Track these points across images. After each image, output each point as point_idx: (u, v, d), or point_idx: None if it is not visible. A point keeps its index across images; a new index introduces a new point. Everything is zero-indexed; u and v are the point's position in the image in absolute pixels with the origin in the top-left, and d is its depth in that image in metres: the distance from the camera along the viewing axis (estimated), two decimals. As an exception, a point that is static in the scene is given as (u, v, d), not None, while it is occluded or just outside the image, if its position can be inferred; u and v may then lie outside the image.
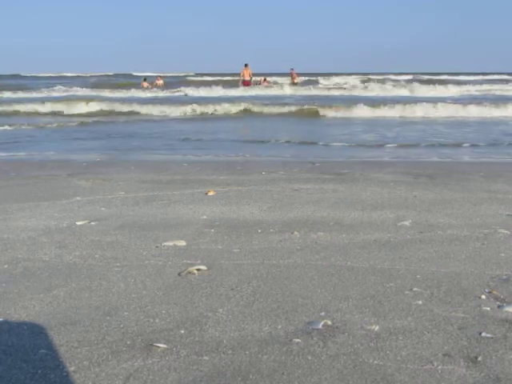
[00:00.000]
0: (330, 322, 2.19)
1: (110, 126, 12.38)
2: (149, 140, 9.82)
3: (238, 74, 26.01)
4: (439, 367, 1.85)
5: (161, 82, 28.63)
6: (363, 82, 33.51)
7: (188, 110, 15.65)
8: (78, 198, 4.62)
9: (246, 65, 25.44)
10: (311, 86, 27.08)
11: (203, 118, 14.84)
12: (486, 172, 5.95)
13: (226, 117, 14.88)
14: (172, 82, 29.83)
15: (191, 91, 23.47)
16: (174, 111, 15.54)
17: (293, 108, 15.49)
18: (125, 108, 16.10)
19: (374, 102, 15.85)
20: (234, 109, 15.77)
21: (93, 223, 3.79)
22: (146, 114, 15.34)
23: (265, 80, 28.82)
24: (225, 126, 12.99)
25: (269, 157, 7.52)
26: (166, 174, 5.90)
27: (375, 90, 24.35)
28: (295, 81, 29.96)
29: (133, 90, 23.74)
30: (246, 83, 24.95)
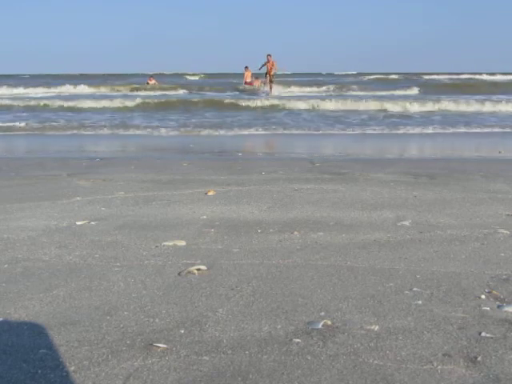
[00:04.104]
0: (329, 322, 2.19)
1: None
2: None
3: (238, 74, 27.38)
4: (439, 367, 1.85)
5: (153, 81, 29.98)
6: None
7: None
8: (78, 198, 4.62)
9: (246, 67, 26.81)
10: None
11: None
12: (486, 172, 5.95)
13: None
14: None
15: None
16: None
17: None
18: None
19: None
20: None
21: (93, 223, 3.80)
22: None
23: (256, 78, 29.07)
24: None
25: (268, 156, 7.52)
26: (166, 173, 5.90)
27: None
28: (271, 73, 23.32)
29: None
30: (249, 84, 26.56)
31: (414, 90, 26.69)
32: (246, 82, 26.73)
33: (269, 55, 23.15)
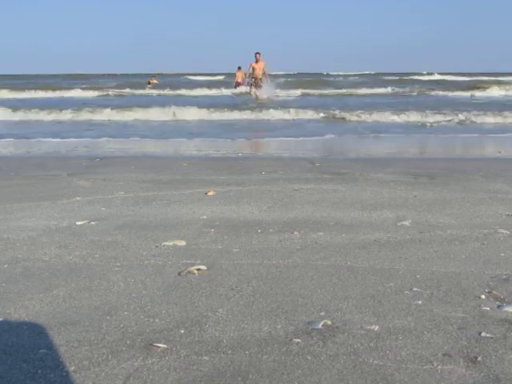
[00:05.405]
0: (329, 322, 2.19)
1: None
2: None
3: (235, 75, 27.72)
4: (439, 367, 1.85)
5: (155, 81, 30.47)
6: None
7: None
8: (78, 198, 4.62)
9: (239, 67, 26.88)
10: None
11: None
12: (486, 172, 5.95)
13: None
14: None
15: None
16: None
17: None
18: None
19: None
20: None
21: (93, 223, 3.80)
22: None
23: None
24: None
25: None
26: (166, 173, 5.90)
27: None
28: (259, 76, 19.47)
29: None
30: (240, 84, 26.65)
31: (495, 90, 26.08)
32: (237, 82, 26.93)
33: (257, 53, 19.61)
